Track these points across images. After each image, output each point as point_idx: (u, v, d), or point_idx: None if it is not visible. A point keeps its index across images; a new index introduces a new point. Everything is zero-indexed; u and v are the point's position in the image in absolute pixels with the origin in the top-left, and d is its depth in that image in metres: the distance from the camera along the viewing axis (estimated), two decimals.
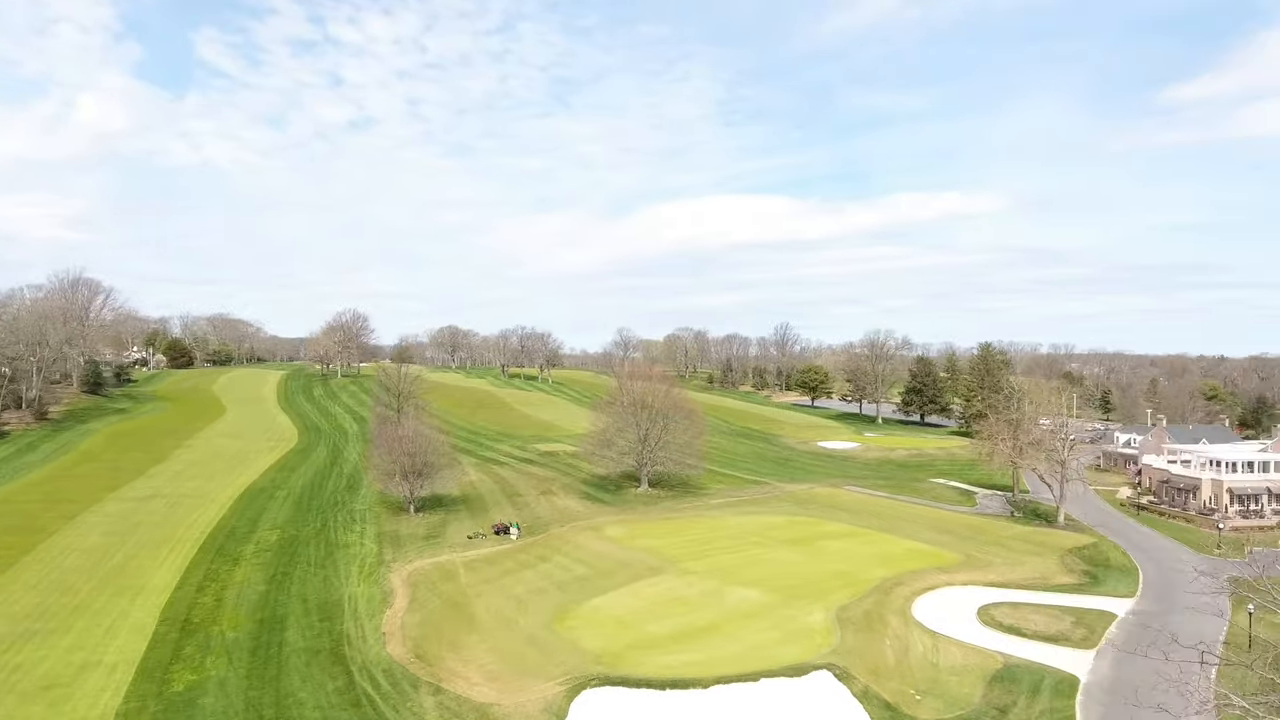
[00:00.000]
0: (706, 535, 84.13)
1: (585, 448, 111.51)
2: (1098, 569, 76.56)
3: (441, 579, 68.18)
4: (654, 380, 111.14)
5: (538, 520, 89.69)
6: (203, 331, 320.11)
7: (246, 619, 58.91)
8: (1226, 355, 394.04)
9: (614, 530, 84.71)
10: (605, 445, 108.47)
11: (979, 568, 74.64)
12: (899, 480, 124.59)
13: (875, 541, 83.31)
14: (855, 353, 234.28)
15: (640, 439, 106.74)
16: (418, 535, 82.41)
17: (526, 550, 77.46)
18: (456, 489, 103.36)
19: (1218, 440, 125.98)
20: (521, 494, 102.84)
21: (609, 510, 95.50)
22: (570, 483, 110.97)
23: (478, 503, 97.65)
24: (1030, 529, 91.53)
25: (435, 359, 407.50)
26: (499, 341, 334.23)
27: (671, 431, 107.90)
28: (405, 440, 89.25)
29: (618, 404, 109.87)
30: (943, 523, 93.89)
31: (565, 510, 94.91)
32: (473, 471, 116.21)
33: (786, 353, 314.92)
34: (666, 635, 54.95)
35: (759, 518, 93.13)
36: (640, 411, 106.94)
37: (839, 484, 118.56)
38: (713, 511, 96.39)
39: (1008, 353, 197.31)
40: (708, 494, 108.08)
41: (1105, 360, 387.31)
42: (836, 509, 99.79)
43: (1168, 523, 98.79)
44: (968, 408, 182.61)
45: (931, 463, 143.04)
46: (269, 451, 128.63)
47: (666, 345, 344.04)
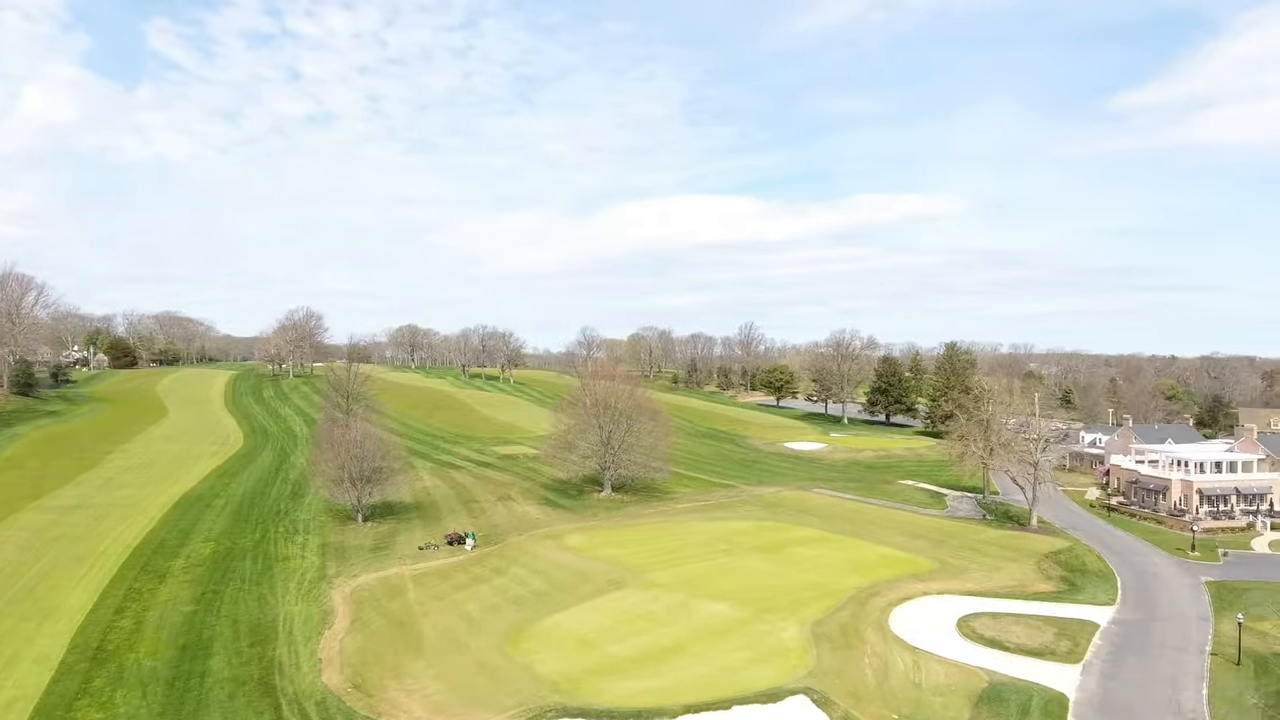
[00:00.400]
0: (672, 543, 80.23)
1: (546, 451, 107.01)
2: (1075, 575, 74.27)
3: (388, 595, 63.23)
4: (617, 380, 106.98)
5: (495, 529, 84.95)
6: (149, 330, 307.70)
7: (167, 645, 53.42)
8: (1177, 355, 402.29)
9: (575, 539, 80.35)
10: (566, 448, 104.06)
11: (955, 575, 71.81)
12: (868, 482, 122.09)
13: (847, 548, 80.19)
14: (820, 352, 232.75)
15: (603, 442, 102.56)
16: (365, 547, 77.16)
17: (481, 562, 72.76)
18: (409, 495, 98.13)
19: (1183, 440, 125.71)
20: (478, 500, 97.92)
21: (570, 517, 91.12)
22: (530, 488, 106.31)
23: (431, 510, 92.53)
24: (1004, 533, 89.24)
25: (395, 359, 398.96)
26: (460, 341, 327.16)
27: (635, 434, 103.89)
28: (352, 444, 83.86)
29: (579, 405, 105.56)
30: (915, 527, 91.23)
31: (524, 517, 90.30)
32: (427, 476, 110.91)
33: (751, 352, 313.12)
34: (630, 657, 50.82)
35: (727, 523, 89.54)
36: (603, 413, 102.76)
37: (807, 486, 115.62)
38: (679, 517, 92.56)
39: (972, 352, 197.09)
40: (673, 498, 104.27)
41: (1063, 360, 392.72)
42: (806, 513, 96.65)
43: (1139, 524, 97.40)
44: (934, 408, 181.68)
45: (899, 464, 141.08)
46: (211, 456, 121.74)
47: (630, 345, 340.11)
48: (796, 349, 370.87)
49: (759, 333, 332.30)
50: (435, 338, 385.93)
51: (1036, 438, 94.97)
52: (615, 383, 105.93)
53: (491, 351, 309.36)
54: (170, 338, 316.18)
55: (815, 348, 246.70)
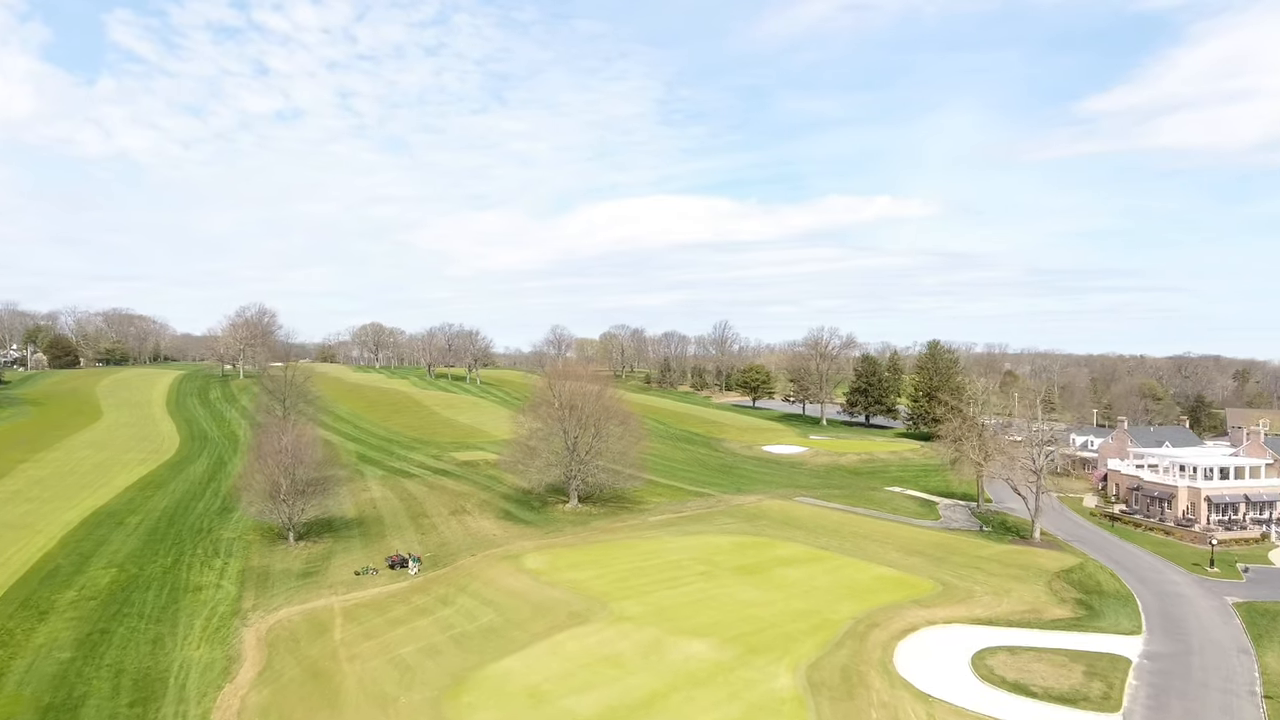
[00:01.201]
0: (644, 563, 71.58)
1: (506, 459, 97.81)
2: (1091, 597, 66.87)
3: (310, 635, 53.85)
4: (585, 380, 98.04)
5: (445, 548, 75.69)
6: (95, 328, 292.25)
7: (27, 707, 43.69)
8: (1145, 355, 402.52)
9: (535, 560, 71.36)
10: (528, 455, 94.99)
11: (960, 599, 64.02)
12: (853, 489, 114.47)
13: (838, 567, 72.14)
14: (798, 352, 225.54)
15: (569, 448, 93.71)
16: (293, 572, 67.55)
17: (425, 590, 63.53)
18: (352, 509, 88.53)
19: (1181, 443, 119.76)
20: (429, 514, 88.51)
21: (531, 533, 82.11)
22: (489, 499, 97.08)
23: (375, 526, 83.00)
24: (1006, 548, 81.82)
25: (360, 359, 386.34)
26: (426, 340, 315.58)
27: (604, 439, 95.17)
28: (283, 453, 74.14)
29: (543, 407, 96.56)
30: (909, 541, 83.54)
31: (479, 534, 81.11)
32: (376, 486, 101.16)
33: (726, 351, 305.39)
34: (592, 716, 42.10)
35: (704, 538, 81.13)
36: (569, 416, 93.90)
37: (790, 495, 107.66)
38: (651, 532, 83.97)
39: (954, 351, 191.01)
40: (646, 509, 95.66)
41: (1037, 360, 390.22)
42: (790, 526, 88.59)
43: (1145, 535, 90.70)
44: (916, 408, 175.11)
45: (885, 469, 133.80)
46: (138, 465, 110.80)
47: (602, 344, 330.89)
48: (771, 348, 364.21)
49: (733, 332, 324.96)
50: (402, 337, 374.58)
51: (1039, 443, 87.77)
52: (582, 383, 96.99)
53: (458, 351, 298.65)
54: (119, 336, 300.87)
55: (793, 347, 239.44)
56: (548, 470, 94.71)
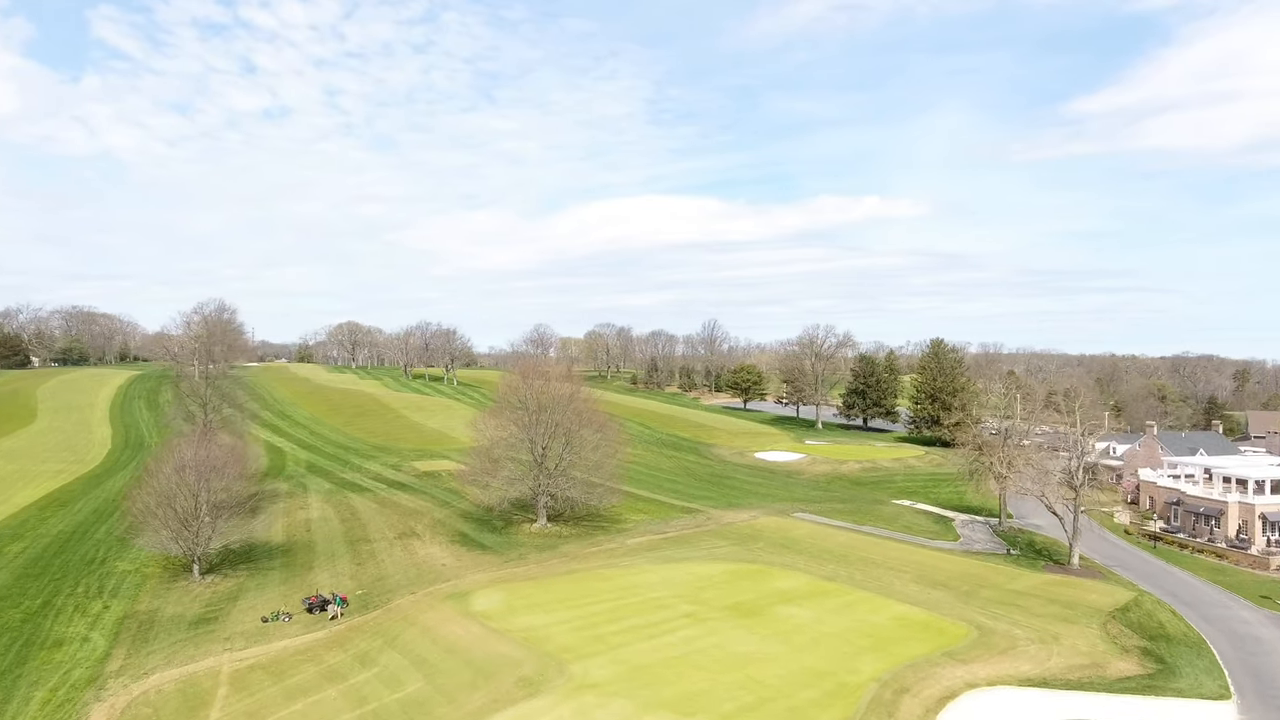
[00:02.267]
0: (618, 601, 59.62)
1: (465, 473, 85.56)
2: (1157, 644, 55.44)
3: (178, 714, 41.58)
4: (555, 380, 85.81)
5: (381, 584, 63.44)
6: (49, 327, 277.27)
7: None
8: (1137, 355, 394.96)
9: (486, 599, 59.21)
10: (491, 467, 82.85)
11: (1002, 650, 52.38)
12: (857, 503, 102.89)
13: (850, 604, 60.42)
14: (791, 351, 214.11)
15: (536, 459, 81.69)
16: (185, 619, 55.21)
17: (345, 643, 51.31)
18: (282, 532, 76.20)
19: (1216, 450, 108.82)
20: (372, 539, 76.21)
21: (487, 562, 69.97)
22: (445, 518, 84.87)
23: (304, 555, 70.66)
24: (1043, 577, 70.35)
25: (338, 359, 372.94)
26: (402, 340, 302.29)
27: (578, 448, 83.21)
28: (187, 469, 61.73)
29: (507, 412, 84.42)
30: (928, 568, 71.93)
31: (426, 564, 68.90)
32: (317, 504, 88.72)
33: (715, 351, 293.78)
34: None
35: (691, 567, 69.26)
36: (537, 422, 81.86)
37: (787, 510, 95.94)
38: (629, 559, 72.01)
39: (959, 350, 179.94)
40: (625, 529, 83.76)
41: (1033, 360, 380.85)
42: (790, 549, 76.86)
43: (1195, 559, 79.59)
44: (918, 411, 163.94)
45: (889, 478, 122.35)
46: (51, 478, 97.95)
47: (587, 343, 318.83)
48: (762, 348, 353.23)
49: (723, 331, 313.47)
50: (381, 336, 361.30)
51: (1080, 454, 76.37)
52: (553, 383, 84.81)
53: (436, 351, 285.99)
54: (78, 334, 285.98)
55: (785, 346, 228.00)
56: (512, 485, 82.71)
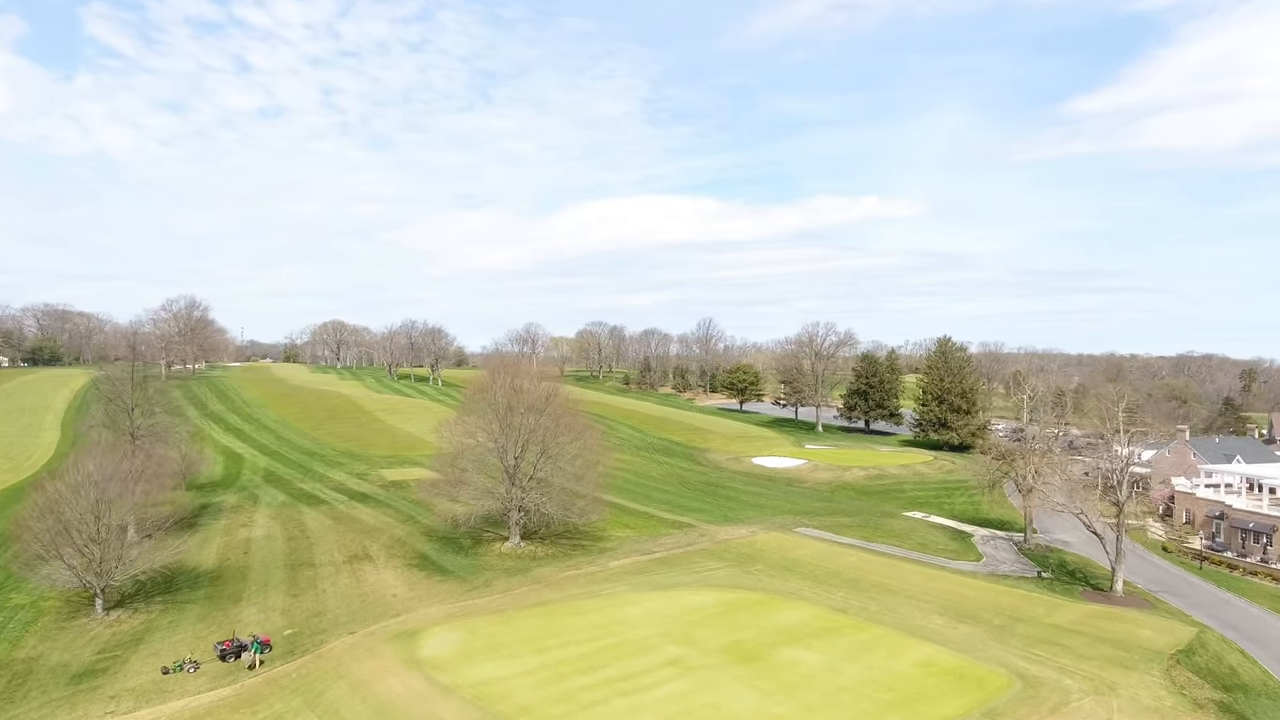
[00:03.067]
0: (593, 644, 50.51)
1: (427, 488, 76.29)
2: (1233, 696, 46.58)
3: None
4: (529, 379, 76.51)
5: (316, 621, 54.17)
6: (20, 325, 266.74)
7: None
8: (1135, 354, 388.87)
9: (438, 641, 50.00)
10: (457, 478, 73.68)
11: (1053, 706, 43.42)
12: (865, 516, 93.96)
13: (867, 644, 51.43)
14: (789, 350, 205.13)
15: (508, 471, 72.60)
16: (70, 669, 45.92)
17: (254, 704, 42.04)
18: (214, 555, 66.90)
19: (1254, 457, 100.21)
20: (317, 562, 66.92)
21: (447, 591, 60.79)
22: (405, 536, 75.64)
23: (234, 584, 61.33)
24: (1083, 606, 61.43)
25: (323, 358, 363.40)
26: (387, 339, 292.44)
27: (555, 457, 74.17)
28: (85, 487, 52.42)
29: (474, 416, 75.19)
30: (952, 596, 62.98)
31: (375, 594, 59.70)
32: (264, 520, 79.42)
33: (710, 350, 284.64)
34: None
35: (681, 596, 60.20)
36: (508, 428, 72.75)
37: (789, 525, 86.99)
38: (610, 585, 62.91)
39: (966, 349, 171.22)
40: (608, 548, 74.70)
41: (1034, 360, 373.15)
42: (794, 573, 67.89)
43: (1249, 583, 70.81)
44: (924, 413, 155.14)
45: (898, 487, 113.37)
46: None
47: (578, 342, 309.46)
48: (759, 347, 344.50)
49: (718, 330, 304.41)
50: (368, 336, 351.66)
51: (1125, 466, 67.43)
52: (527, 382, 75.53)
53: (422, 350, 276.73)
54: (51, 333, 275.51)
55: (784, 345, 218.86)
56: (481, 499, 73.55)
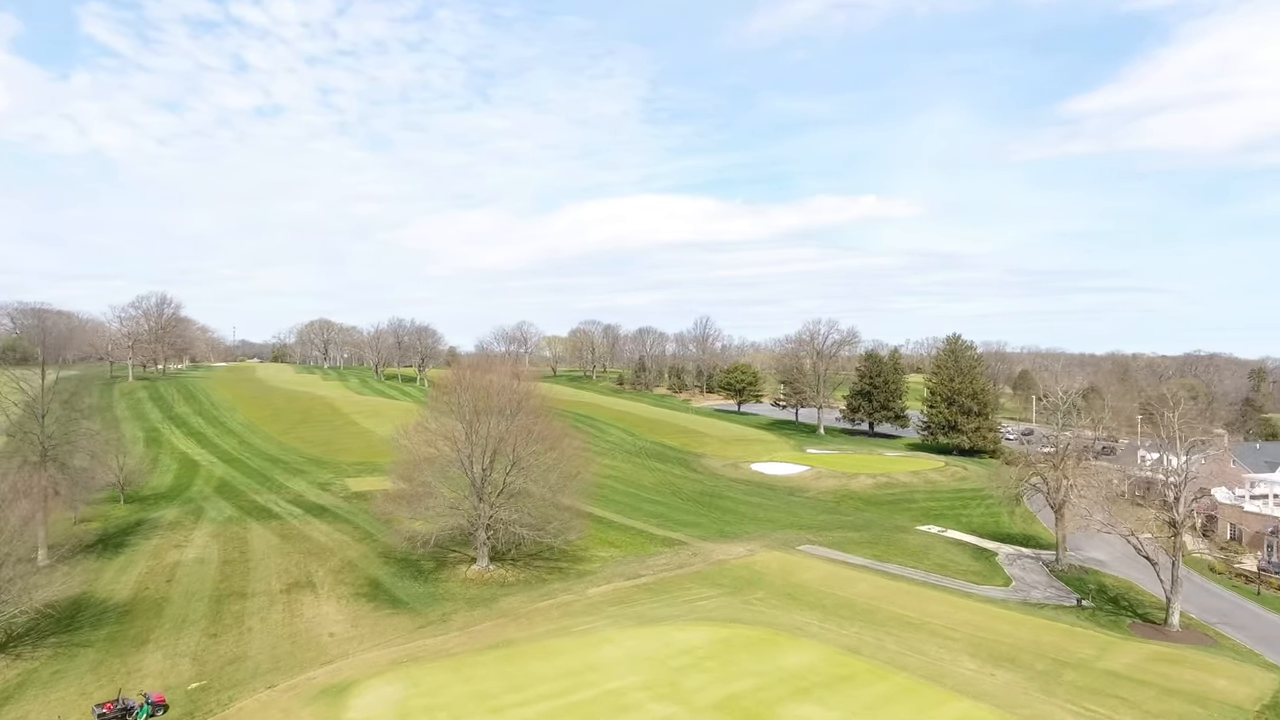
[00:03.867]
0: (562, 699, 41.82)
1: (382, 504, 67.47)
2: None
3: None
4: (500, 379, 67.73)
5: (232, 670, 45.38)
6: None
7: None
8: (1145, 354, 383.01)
9: (371, 700, 41.26)
10: (419, 492, 65.03)
11: None
12: (875, 530, 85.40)
13: (890, 699, 42.81)
14: (789, 349, 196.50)
15: (475, 485, 63.99)
16: None
17: None
18: (131, 584, 58.15)
19: None
20: (250, 592, 58.16)
21: (395, 627, 52.11)
22: (359, 557, 66.92)
23: (146, 620, 52.52)
24: (1139, 645, 52.93)
25: (311, 358, 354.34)
26: (374, 338, 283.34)
27: (528, 469, 65.53)
28: None
29: (436, 425, 66.48)
30: (984, 632, 54.42)
31: (309, 633, 50.97)
32: (202, 539, 70.67)
33: (707, 350, 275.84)
34: None
35: (668, 633, 51.56)
36: (475, 436, 64.12)
37: (792, 542, 78.43)
38: (587, 620, 54.27)
39: (976, 347, 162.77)
40: (587, 572, 66.10)
41: (1038, 359, 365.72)
42: (798, 602, 59.33)
43: None
44: (933, 415, 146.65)
45: (909, 497, 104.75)
46: None
47: (572, 341, 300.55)
48: (757, 347, 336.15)
49: (715, 328, 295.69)
50: (359, 335, 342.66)
51: (1184, 481, 58.86)
52: (498, 379, 66.78)
53: (409, 349, 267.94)
54: (23, 333, 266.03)
55: (784, 343, 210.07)
56: (445, 515, 64.91)
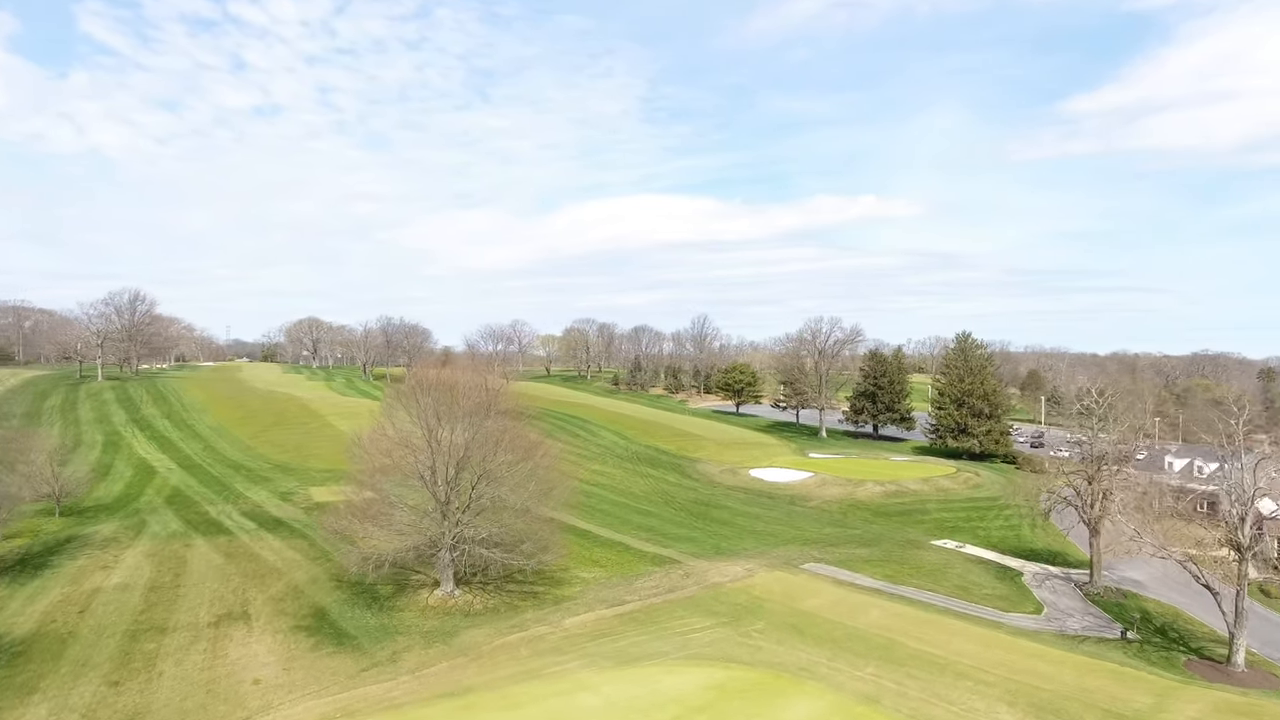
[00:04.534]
0: None
1: (331, 519, 59.75)
2: None
3: None
4: (467, 380, 60.21)
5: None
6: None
7: None
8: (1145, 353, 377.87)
9: None
10: (375, 509, 57.45)
11: None
12: (886, 546, 77.85)
13: None
14: (790, 348, 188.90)
15: (438, 499, 56.47)
16: None
17: None
18: (35, 617, 50.52)
19: None
20: (171, 626, 50.49)
21: (335, 671, 44.53)
22: (308, 581, 59.28)
23: (43, 660, 44.89)
24: (1202, 691, 45.37)
25: (299, 358, 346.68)
26: (362, 337, 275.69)
27: (498, 481, 57.97)
28: None
29: (395, 432, 58.89)
30: (1021, 674, 46.82)
31: (229, 680, 43.36)
32: (134, 559, 62.94)
33: (705, 349, 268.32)
34: None
35: (654, 677, 43.99)
36: (437, 445, 56.59)
37: (794, 559, 70.88)
38: (560, 660, 46.68)
39: (986, 346, 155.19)
40: (566, 597, 58.55)
41: (1042, 359, 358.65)
42: (803, 635, 51.76)
43: None
44: (942, 417, 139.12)
45: (920, 506, 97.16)
46: None
47: (565, 340, 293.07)
48: (756, 346, 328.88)
49: (713, 327, 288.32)
50: (347, 334, 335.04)
51: (1250, 498, 51.32)
52: (465, 378, 59.24)
53: (398, 349, 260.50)
54: (4, 330, 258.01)
55: (784, 342, 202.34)
56: (405, 534, 57.35)
